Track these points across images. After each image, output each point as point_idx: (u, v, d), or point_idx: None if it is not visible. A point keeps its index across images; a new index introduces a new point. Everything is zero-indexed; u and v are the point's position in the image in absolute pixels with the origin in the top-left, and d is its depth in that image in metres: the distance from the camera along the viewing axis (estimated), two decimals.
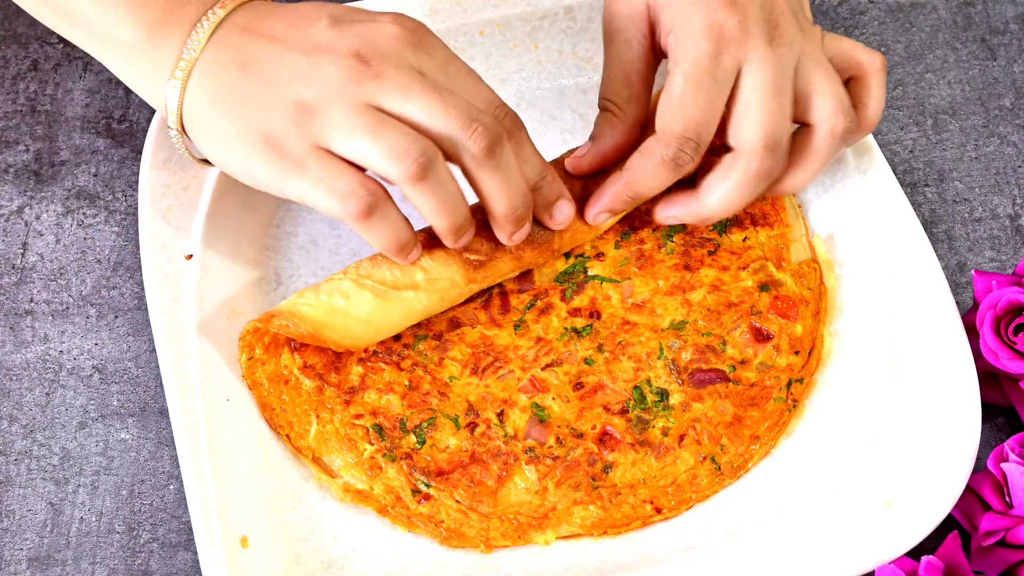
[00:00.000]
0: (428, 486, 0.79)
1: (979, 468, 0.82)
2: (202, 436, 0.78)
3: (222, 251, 0.86)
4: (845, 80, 0.83)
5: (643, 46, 0.82)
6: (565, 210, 0.82)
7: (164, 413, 0.86)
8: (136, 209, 0.94)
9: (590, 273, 0.85)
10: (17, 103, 0.99)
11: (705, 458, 0.80)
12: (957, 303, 0.85)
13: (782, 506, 0.79)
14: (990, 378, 0.85)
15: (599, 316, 0.84)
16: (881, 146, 0.96)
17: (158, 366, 0.87)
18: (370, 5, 0.94)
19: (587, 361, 0.83)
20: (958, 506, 0.80)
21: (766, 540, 0.77)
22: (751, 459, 0.81)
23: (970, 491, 0.80)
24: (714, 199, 0.81)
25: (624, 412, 0.81)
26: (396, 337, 0.83)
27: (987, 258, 0.92)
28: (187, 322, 0.82)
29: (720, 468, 0.80)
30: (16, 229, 0.94)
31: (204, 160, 0.82)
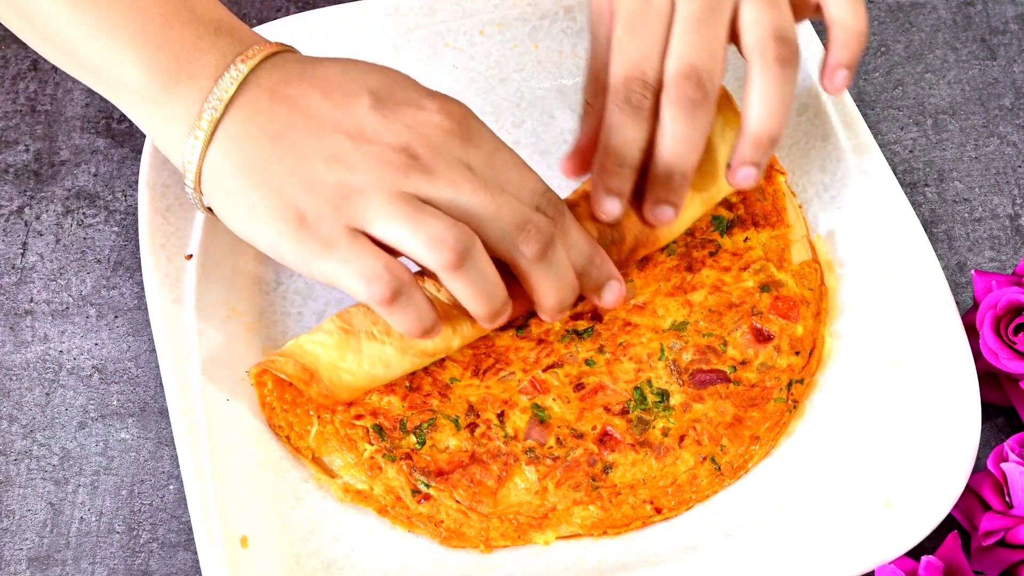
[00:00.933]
0: (428, 486, 0.79)
1: (979, 468, 0.82)
2: (202, 436, 0.78)
3: (222, 251, 0.86)
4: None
5: (609, 40, 0.81)
6: (614, 291, 0.81)
7: (164, 413, 0.86)
8: (136, 209, 0.94)
9: None
10: (17, 103, 0.99)
11: (705, 458, 0.80)
12: (957, 303, 0.85)
13: (782, 506, 0.79)
14: (990, 378, 0.85)
15: (600, 319, 0.84)
16: (881, 146, 0.96)
17: (158, 366, 0.87)
18: (370, 5, 0.94)
19: (588, 362, 0.83)
20: (958, 506, 0.80)
21: (766, 540, 0.77)
22: (751, 459, 0.81)
23: (970, 491, 0.80)
24: (755, 113, 0.79)
25: (624, 413, 0.81)
26: None
27: (987, 258, 0.92)
28: (187, 322, 0.82)
29: (720, 468, 0.80)
30: (16, 229, 0.94)
31: (210, 208, 0.79)
